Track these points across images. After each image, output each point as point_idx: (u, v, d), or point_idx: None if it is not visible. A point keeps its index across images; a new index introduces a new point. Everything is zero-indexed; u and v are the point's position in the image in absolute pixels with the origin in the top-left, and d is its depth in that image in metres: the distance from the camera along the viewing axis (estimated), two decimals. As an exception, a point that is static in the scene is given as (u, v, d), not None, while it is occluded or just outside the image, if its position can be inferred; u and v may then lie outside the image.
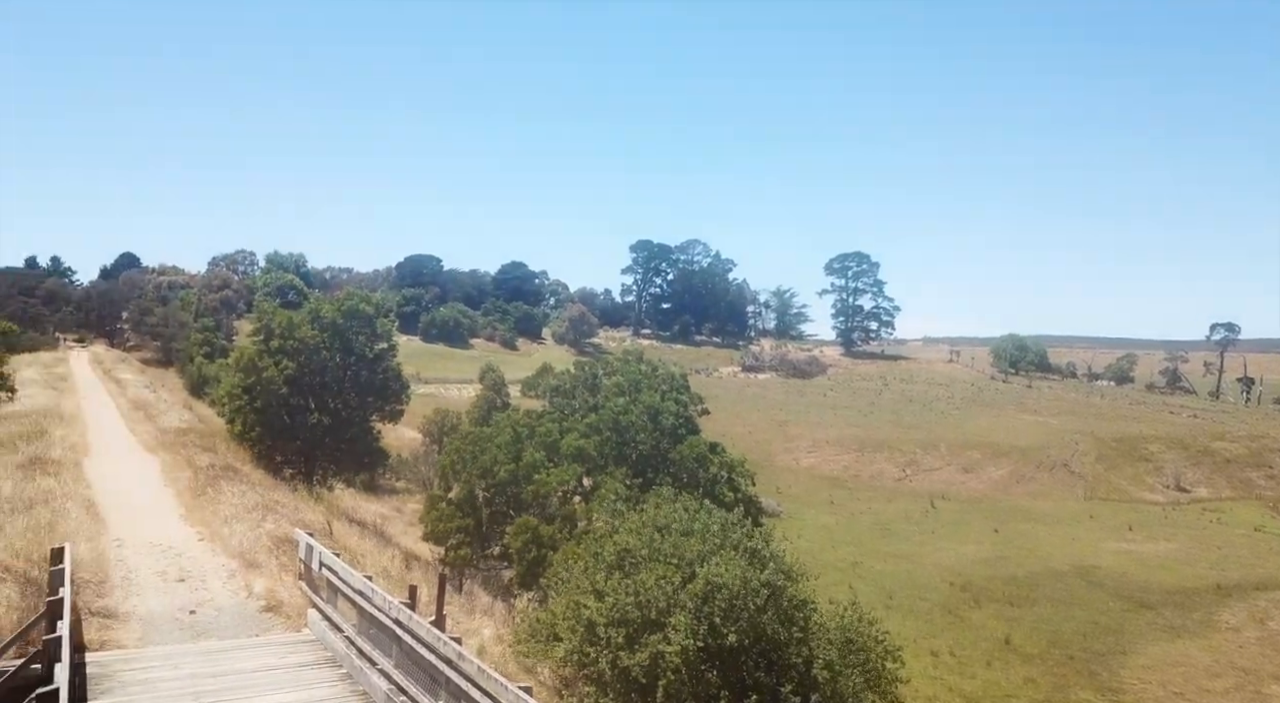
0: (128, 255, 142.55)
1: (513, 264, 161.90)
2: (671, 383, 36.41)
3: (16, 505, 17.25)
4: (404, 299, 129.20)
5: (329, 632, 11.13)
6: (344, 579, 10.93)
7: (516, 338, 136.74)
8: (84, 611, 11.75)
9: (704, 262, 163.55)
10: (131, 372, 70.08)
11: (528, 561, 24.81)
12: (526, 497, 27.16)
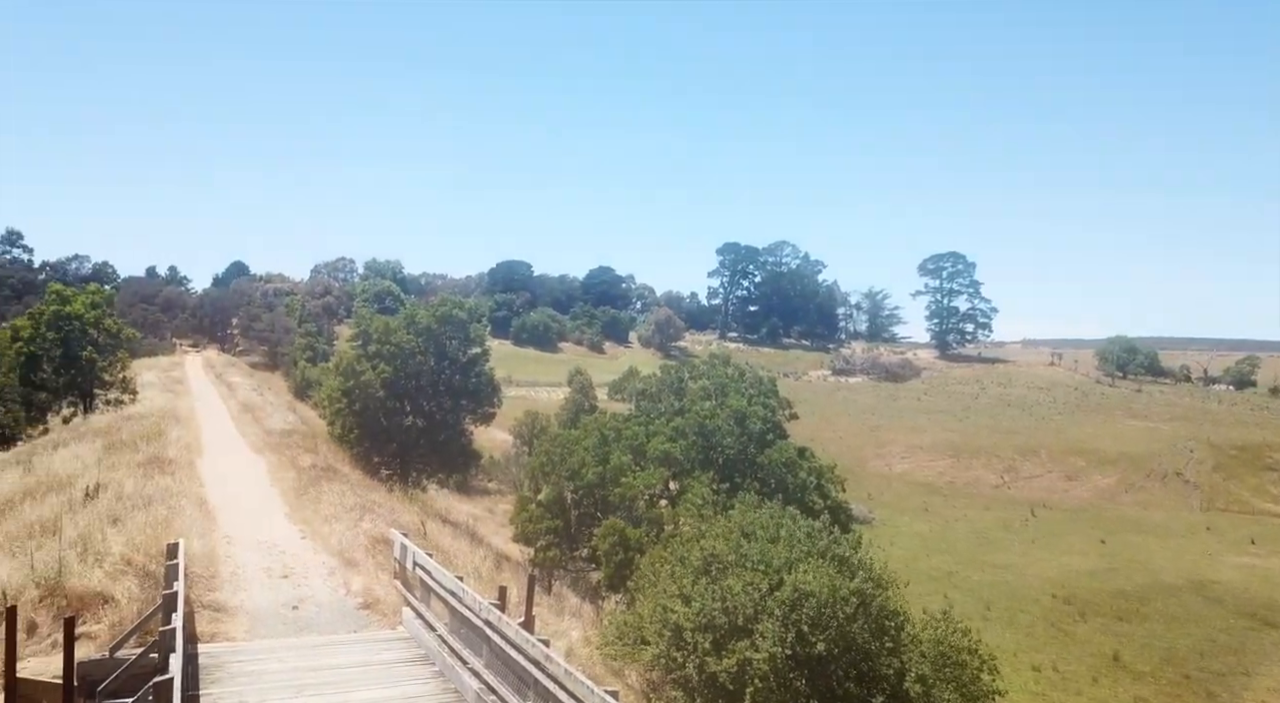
0: (238, 264, 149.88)
1: (600, 269, 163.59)
2: (759, 387, 36.10)
3: (137, 502, 18.28)
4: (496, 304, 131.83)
5: (422, 630, 11.42)
6: (436, 579, 11.20)
7: (604, 342, 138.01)
8: (196, 604, 12.38)
9: (793, 263, 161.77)
10: (240, 375, 73.60)
11: (615, 563, 24.95)
12: (613, 499, 27.32)
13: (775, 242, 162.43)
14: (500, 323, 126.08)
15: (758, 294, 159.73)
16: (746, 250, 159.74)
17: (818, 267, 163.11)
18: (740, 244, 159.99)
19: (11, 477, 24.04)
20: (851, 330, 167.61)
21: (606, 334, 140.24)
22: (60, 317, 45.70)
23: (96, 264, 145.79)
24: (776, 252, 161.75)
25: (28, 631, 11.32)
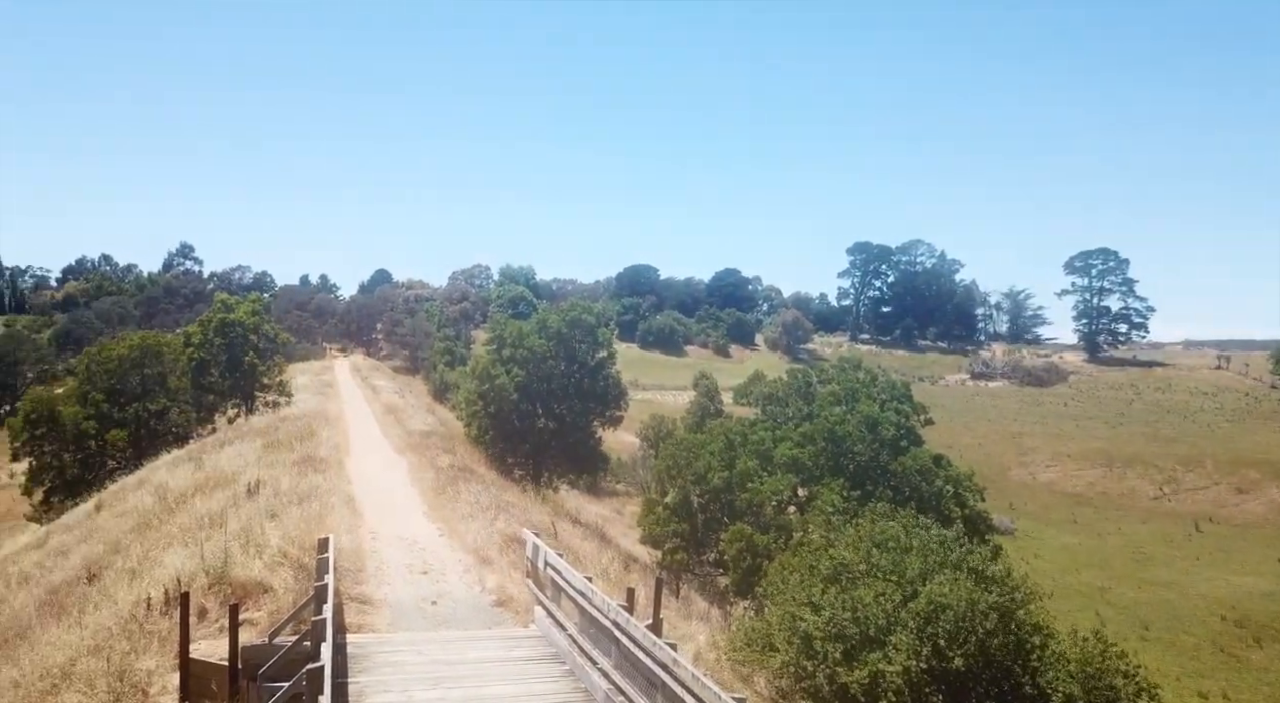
0: (382, 272, 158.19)
1: (726, 271, 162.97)
2: (892, 391, 35.04)
3: (292, 498, 19.54)
4: (623, 308, 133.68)
5: (553, 629, 11.69)
6: (567, 579, 11.44)
7: (729, 345, 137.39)
8: (344, 596, 13.10)
9: (928, 262, 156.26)
10: (384, 378, 77.46)
11: (742, 568, 24.79)
12: (740, 504, 27.15)
13: (909, 241, 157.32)
14: (627, 327, 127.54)
15: (891, 295, 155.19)
16: (879, 250, 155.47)
17: (955, 266, 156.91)
18: (872, 244, 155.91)
19: (185, 472, 26.20)
20: (991, 332, 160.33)
21: (732, 337, 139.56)
22: (225, 324, 49.45)
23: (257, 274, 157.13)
24: (910, 251, 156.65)
25: (198, 615, 12.29)
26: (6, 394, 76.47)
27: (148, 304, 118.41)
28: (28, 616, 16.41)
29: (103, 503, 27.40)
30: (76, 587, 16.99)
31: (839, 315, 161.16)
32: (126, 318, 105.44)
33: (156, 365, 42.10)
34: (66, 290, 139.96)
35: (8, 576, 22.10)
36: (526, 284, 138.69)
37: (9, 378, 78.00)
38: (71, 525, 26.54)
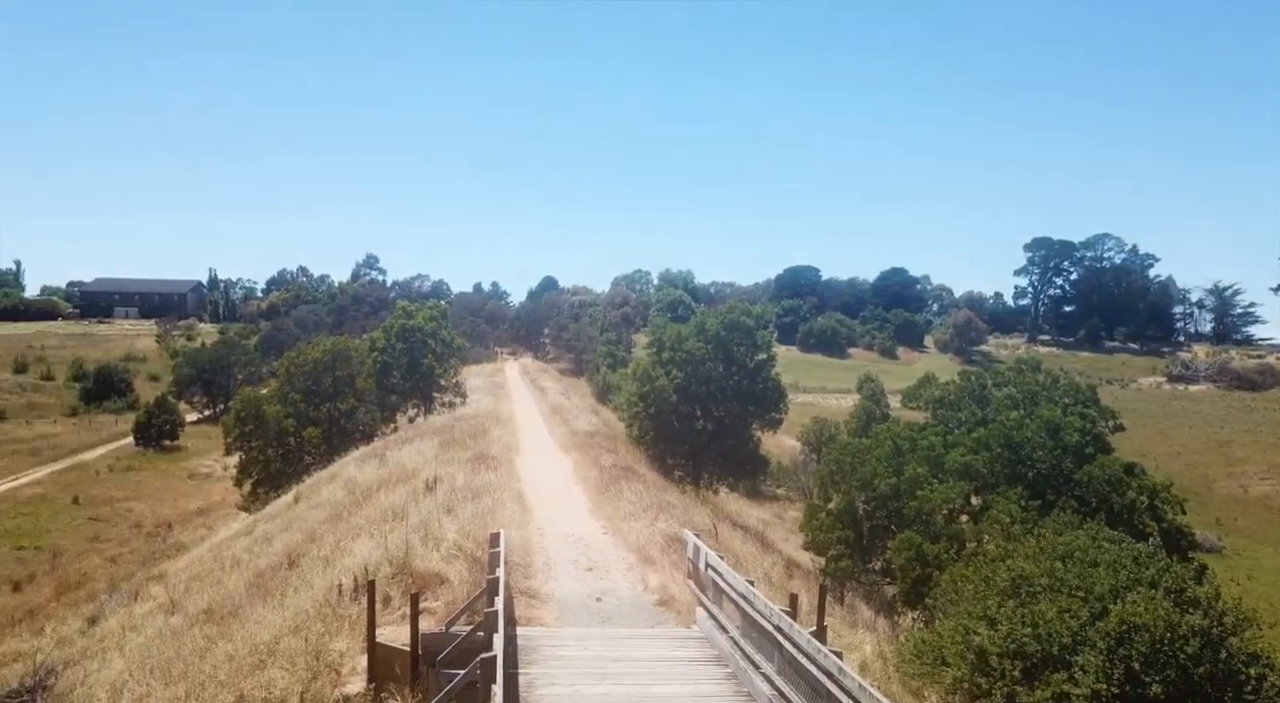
0: (549, 279, 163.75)
1: (892, 271, 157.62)
2: (1075, 395, 32.75)
3: (467, 494, 20.51)
4: (782, 310, 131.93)
5: (715, 631, 11.66)
6: (728, 581, 11.38)
7: (896, 347, 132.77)
8: (515, 590, 13.61)
9: (1116, 258, 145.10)
10: (551, 380, 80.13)
11: (911, 578, 23.84)
12: (909, 512, 26.12)
13: (1095, 235, 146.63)
14: (787, 329, 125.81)
15: (1074, 293, 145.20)
16: (1060, 245, 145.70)
17: (1148, 261, 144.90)
18: (1053, 239, 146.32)
19: (371, 469, 28.09)
20: (1192, 332, 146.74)
21: (899, 339, 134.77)
22: (406, 329, 52.67)
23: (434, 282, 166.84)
24: (1096, 245, 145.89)
25: (383, 602, 13.11)
26: (220, 395, 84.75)
27: (338, 311, 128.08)
28: (239, 596, 18.08)
29: (300, 496, 29.83)
30: (279, 572, 18.54)
31: (1015, 315, 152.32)
32: (320, 324, 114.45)
33: (346, 368, 45.39)
34: (270, 300, 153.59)
35: (223, 559, 24.44)
36: (685, 288, 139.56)
37: (223, 380, 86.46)
38: (274, 515, 29.04)
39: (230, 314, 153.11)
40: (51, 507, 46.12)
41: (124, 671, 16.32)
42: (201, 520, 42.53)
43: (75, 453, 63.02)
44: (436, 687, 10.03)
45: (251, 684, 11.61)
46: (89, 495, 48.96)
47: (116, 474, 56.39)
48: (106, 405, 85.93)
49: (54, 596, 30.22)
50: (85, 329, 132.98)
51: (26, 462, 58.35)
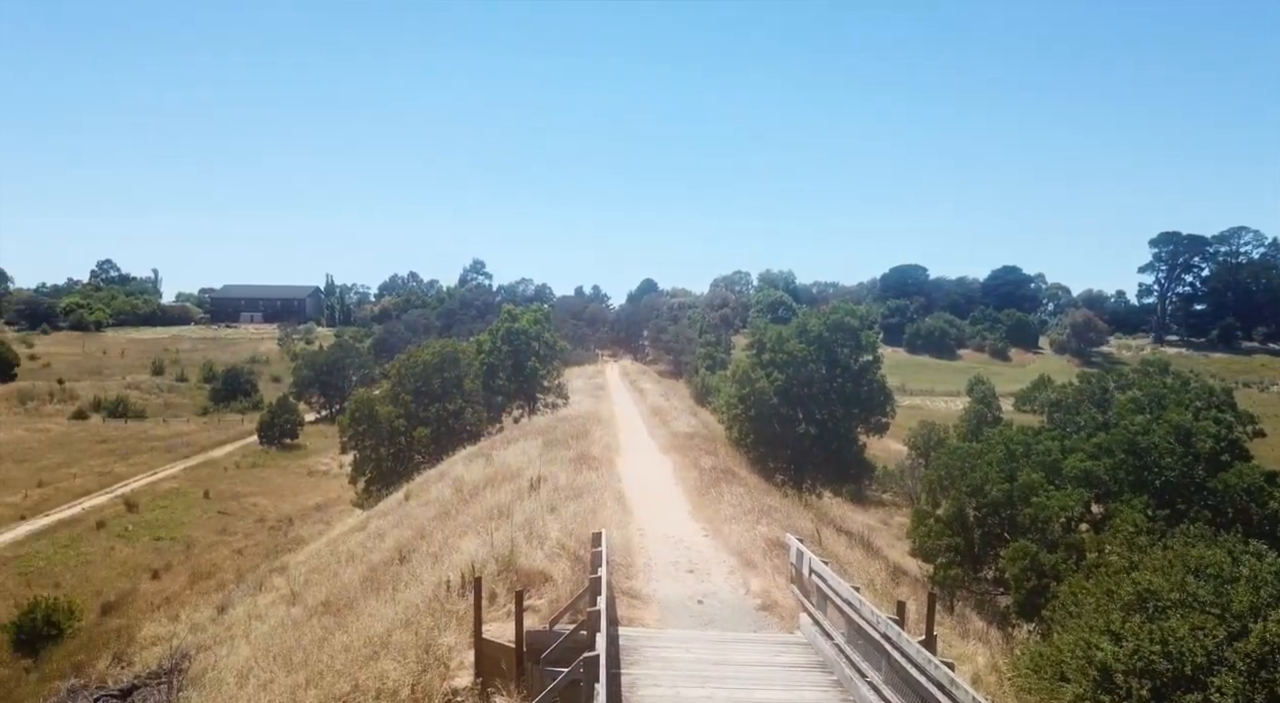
0: (648, 282, 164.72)
1: (1004, 269, 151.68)
2: (1209, 398, 30.74)
3: (569, 494, 20.78)
4: (888, 310, 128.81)
5: (819, 637, 11.43)
6: (832, 587, 11.14)
7: (1008, 348, 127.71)
8: (616, 590, 13.69)
9: (1254, 252, 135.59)
10: (650, 382, 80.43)
11: (1026, 589, 22.84)
12: (1023, 520, 25.04)
13: (1229, 229, 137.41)
14: (893, 330, 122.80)
15: (1206, 291, 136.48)
16: (1190, 240, 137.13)
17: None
18: (1181, 233, 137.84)
19: (477, 468, 28.79)
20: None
21: (1011, 340, 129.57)
22: (511, 332, 53.85)
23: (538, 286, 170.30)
24: (1231, 240, 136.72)
25: (489, 599, 13.40)
26: (336, 395, 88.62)
27: (446, 315, 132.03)
28: (354, 589, 18.81)
29: (410, 493, 30.85)
30: (390, 567, 19.19)
31: (1139, 314, 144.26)
32: (429, 327, 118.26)
33: (454, 370, 46.70)
34: (382, 304, 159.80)
35: (339, 554, 25.49)
36: (786, 288, 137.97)
37: (339, 381, 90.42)
38: (386, 512, 30.11)
39: (346, 318, 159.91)
40: (185, 500, 49.15)
41: (250, 657, 17.21)
42: (319, 516, 44.50)
43: (206, 450, 67.03)
44: (540, 684, 10.17)
45: (366, 675, 12.04)
46: (218, 490, 51.96)
47: (243, 470, 59.68)
48: (233, 405, 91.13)
49: (188, 584, 32.15)
50: (215, 333, 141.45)
51: (164, 458, 62.39)
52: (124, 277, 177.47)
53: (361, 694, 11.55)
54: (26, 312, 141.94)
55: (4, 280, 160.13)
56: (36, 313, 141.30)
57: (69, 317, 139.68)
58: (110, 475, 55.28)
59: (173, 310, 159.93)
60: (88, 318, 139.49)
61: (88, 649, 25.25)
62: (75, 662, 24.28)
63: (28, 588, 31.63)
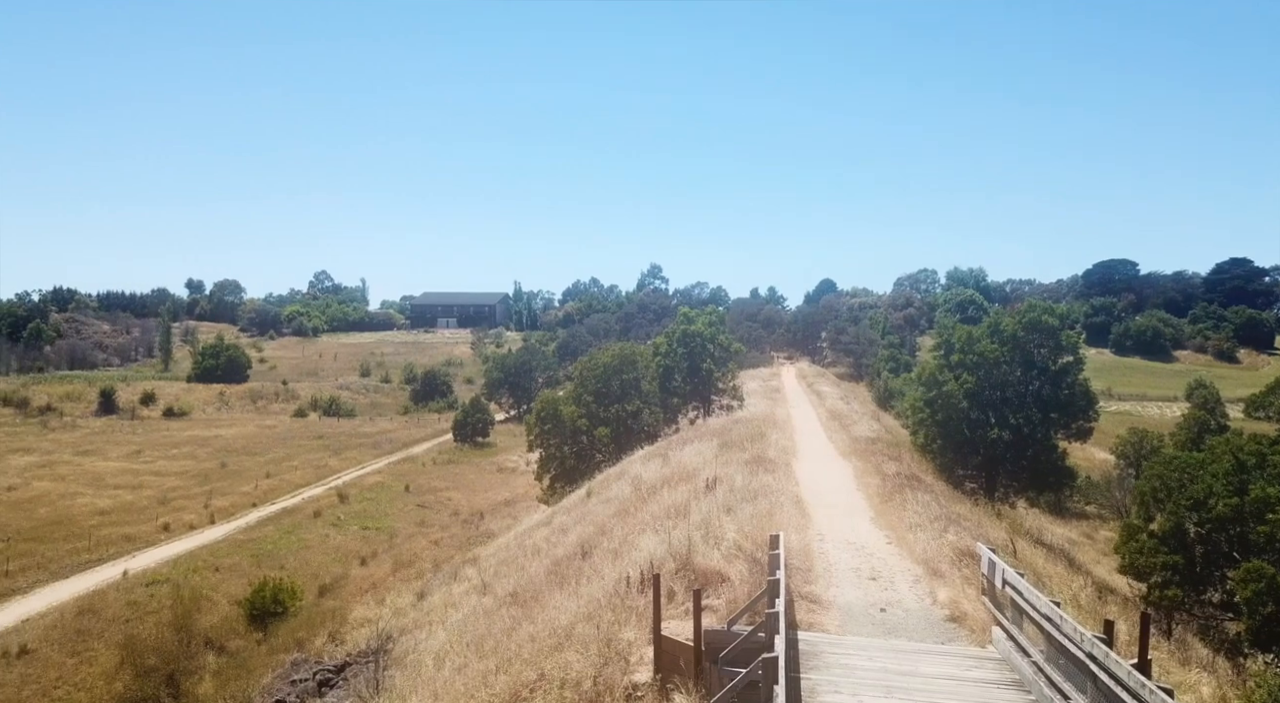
0: (827, 282, 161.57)
1: (1231, 262, 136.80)
2: None
3: (745, 495, 20.68)
4: (1091, 309, 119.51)
5: (1015, 653, 10.73)
6: (1029, 601, 10.43)
7: (1236, 349, 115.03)
8: (794, 593, 13.47)
9: None
10: (828, 385, 78.62)
11: (1262, 615, 20.41)
12: (1257, 538, 22.40)
13: None
14: (1097, 330, 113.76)
15: None
16: None
17: None
18: None
19: (654, 467, 29.24)
20: None
21: (1240, 339, 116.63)
22: (687, 334, 54.32)
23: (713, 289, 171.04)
24: None
25: (667, 596, 13.55)
26: (523, 396, 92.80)
27: (625, 319, 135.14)
28: (539, 582, 19.59)
29: (591, 491, 31.75)
30: (573, 562, 19.82)
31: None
32: (609, 331, 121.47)
33: (632, 372, 47.68)
34: (565, 309, 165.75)
35: (525, 547, 26.64)
36: (976, 286, 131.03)
37: (526, 383, 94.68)
38: (569, 509, 31.16)
39: (532, 323, 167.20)
40: (388, 493, 53.03)
41: (446, 642, 18.29)
42: (508, 510, 46.72)
43: (406, 447, 72.04)
44: (718, 683, 10.15)
45: (551, 665, 12.49)
46: (417, 484, 55.71)
47: (439, 466, 63.66)
48: (431, 405, 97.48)
49: (391, 571, 34.65)
50: (414, 338, 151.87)
51: (370, 453, 67.66)
52: (337, 286, 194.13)
53: (547, 683, 11.97)
54: (257, 319, 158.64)
55: (238, 291, 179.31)
56: (264, 320, 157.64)
57: (291, 323, 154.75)
58: (325, 469, 60.61)
59: (378, 317, 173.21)
60: (307, 325, 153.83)
61: (307, 627, 27.74)
62: (297, 638, 26.73)
63: (258, 568, 35.18)
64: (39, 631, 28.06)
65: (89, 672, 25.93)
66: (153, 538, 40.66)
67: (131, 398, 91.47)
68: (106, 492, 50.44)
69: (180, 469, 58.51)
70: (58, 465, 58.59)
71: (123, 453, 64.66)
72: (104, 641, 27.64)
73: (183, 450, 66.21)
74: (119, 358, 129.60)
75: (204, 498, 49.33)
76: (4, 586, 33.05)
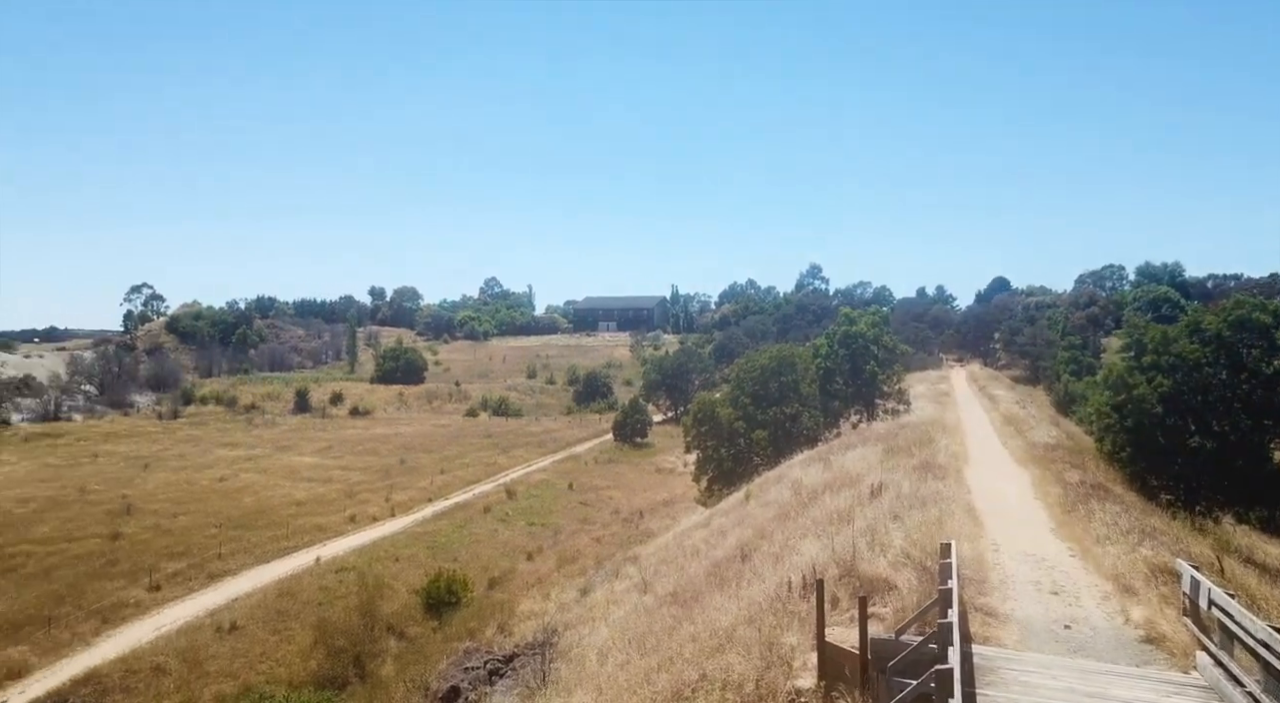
0: (999, 280, 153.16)
1: None
2: None
3: (913, 502, 19.89)
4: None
5: (1224, 681, 9.73)
6: (1241, 625, 9.43)
7: None
8: (968, 605, 12.80)
9: None
10: (1002, 388, 74.49)
11: None
12: None
13: None
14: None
15: None
16: None
17: None
18: None
19: (815, 472, 28.66)
20: None
21: None
22: (848, 336, 52.96)
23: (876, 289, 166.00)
24: None
25: (831, 603, 13.22)
26: (680, 398, 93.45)
27: (783, 320, 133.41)
28: (699, 582, 19.62)
29: (750, 494, 31.50)
30: (733, 564, 19.72)
31: None
32: (766, 333, 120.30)
33: (790, 374, 46.98)
34: (722, 311, 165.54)
35: (684, 548, 26.76)
36: (1171, 283, 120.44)
37: (682, 385, 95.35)
38: (727, 511, 31.04)
39: (689, 325, 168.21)
40: (552, 491, 54.76)
41: (608, 638, 18.63)
42: (666, 511, 47.15)
43: (569, 446, 74.17)
44: (886, 694, 9.79)
45: (712, 665, 12.46)
46: (579, 483, 57.21)
47: (600, 465, 65.13)
48: (592, 406, 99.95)
49: (555, 567, 35.74)
50: (576, 341, 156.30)
51: (536, 452, 70.14)
52: (505, 292, 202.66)
53: (709, 684, 11.95)
54: (432, 324, 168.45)
55: (416, 298, 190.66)
56: (439, 325, 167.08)
57: (463, 328, 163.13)
58: (494, 466, 63.35)
59: (543, 321, 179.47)
60: (478, 329, 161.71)
61: (478, 617, 29.04)
62: (469, 627, 28.04)
63: (433, 560, 37.20)
64: (246, 609, 30.85)
65: (288, 649, 28.26)
66: (340, 528, 43.83)
67: (322, 398, 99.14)
68: (301, 484, 54.86)
69: (364, 465, 62.80)
70: (260, 459, 64.31)
71: (314, 448, 70.14)
72: (299, 621, 30.05)
73: (366, 447, 71.04)
74: (311, 360, 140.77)
75: (385, 492, 52.70)
76: (218, 567, 36.59)
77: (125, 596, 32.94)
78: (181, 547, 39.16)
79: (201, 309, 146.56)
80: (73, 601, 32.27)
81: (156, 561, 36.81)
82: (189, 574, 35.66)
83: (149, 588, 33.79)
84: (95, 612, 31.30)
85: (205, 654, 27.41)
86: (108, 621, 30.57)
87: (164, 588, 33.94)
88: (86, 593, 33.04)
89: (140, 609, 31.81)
